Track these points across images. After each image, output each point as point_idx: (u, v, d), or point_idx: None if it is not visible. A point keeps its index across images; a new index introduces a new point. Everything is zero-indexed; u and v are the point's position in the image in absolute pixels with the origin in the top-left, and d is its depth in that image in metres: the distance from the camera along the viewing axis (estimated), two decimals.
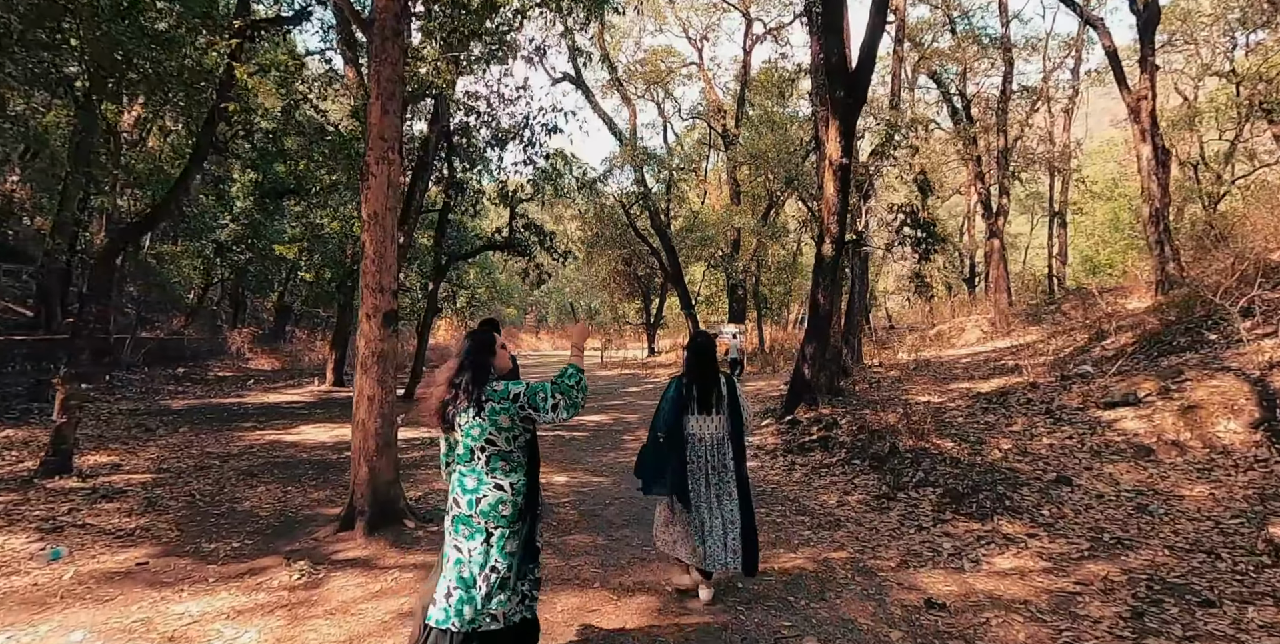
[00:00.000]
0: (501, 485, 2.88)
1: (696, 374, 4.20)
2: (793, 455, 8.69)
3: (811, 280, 10.35)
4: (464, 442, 2.93)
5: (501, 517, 2.84)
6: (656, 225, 23.67)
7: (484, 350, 3.02)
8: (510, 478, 2.90)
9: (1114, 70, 17.14)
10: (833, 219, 9.91)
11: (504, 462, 2.91)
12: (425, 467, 8.56)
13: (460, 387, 2.94)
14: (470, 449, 2.91)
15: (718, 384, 4.19)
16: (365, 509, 5.54)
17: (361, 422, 5.65)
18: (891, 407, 11.01)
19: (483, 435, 2.88)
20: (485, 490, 2.86)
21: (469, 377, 2.94)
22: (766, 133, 24.73)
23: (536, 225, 16.43)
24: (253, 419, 12.82)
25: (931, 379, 14.31)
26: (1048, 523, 5.80)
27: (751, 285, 26.23)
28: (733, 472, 4.13)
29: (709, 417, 4.15)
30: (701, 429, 4.15)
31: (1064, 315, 21.67)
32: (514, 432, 2.92)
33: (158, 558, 5.16)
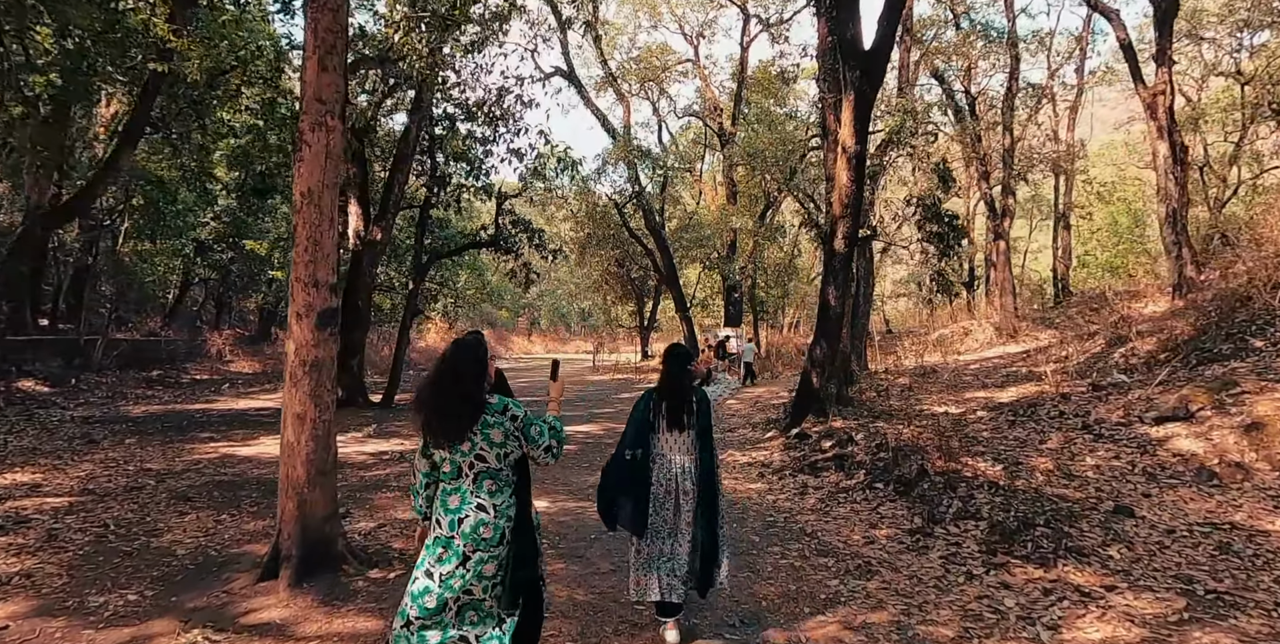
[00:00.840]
0: (485, 506, 2.66)
1: (669, 387, 3.79)
2: (804, 476, 7.62)
3: (821, 279, 9.31)
4: (451, 457, 2.69)
5: (482, 540, 2.62)
6: (651, 225, 22.62)
7: (481, 359, 2.78)
8: (496, 498, 2.68)
9: (1129, 64, 16.21)
10: (845, 212, 8.88)
11: (491, 480, 2.70)
12: (388, 488, 7.46)
13: (459, 398, 2.67)
14: (458, 466, 2.69)
15: (689, 400, 3.77)
16: (293, 553, 4.44)
17: (290, 445, 4.55)
18: (907, 418, 9.96)
19: (473, 451, 2.66)
20: (468, 510, 2.64)
21: (466, 388, 2.68)
22: (764, 131, 23.74)
23: (524, 221, 15.36)
24: (213, 428, 11.69)
25: (944, 387, 13.29)
26: (1123, 569, 4.75)
27: (748, 288, 25.20)
28: (695, 493, 3.73)
29: (679, 434, 3.77)
30: (670, 448, 3.78)
31: (1072, 320, 20.73)
32: (505, 448, 2.71)
33: (26, 617, 4.06)
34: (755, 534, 5.75)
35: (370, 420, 12.53)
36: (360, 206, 14.05)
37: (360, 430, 11.27)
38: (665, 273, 23.17)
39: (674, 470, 3.74)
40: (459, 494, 2.68)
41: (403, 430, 11.56)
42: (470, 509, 2.65)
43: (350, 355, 13.80)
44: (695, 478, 3.74)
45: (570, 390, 18.73)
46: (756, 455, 9.02)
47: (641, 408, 3.83)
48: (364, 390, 14.07)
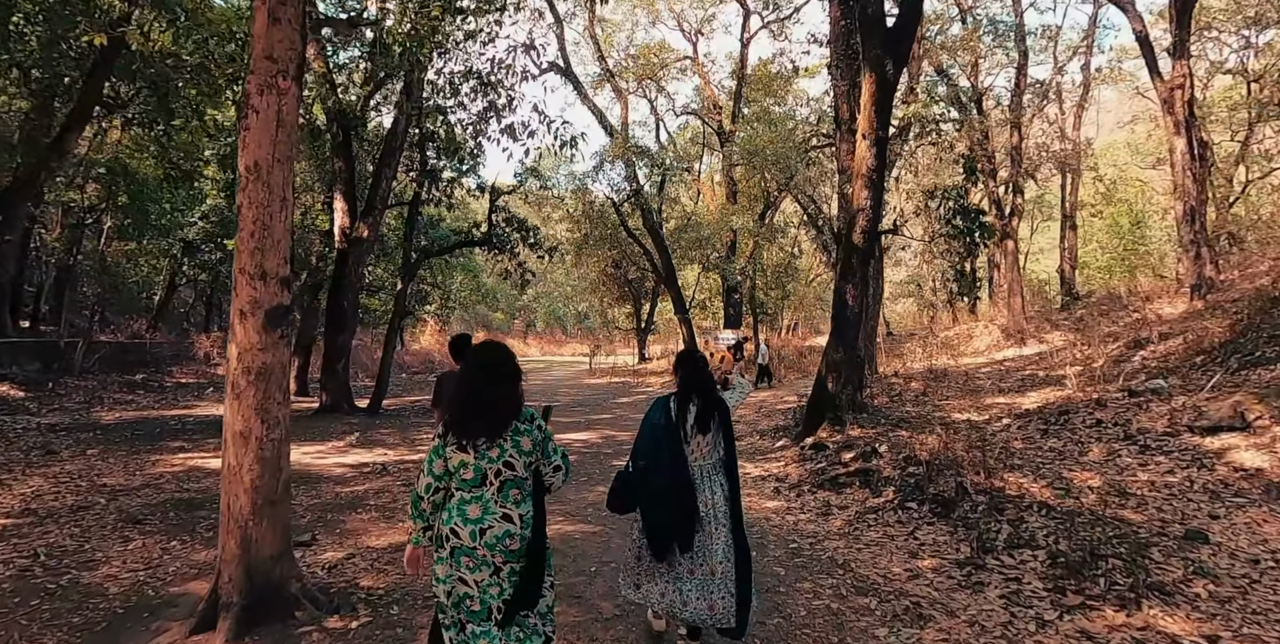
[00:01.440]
0: (511, 516, 2.52)
1: (694, 390, 3.53)
2: (825, 492, 6.86)
3: (837, 276, 8.56)
4: (476, 464, 2.52)
5: (510, 551, 2.50)
6: (649, 225, 21.85)
7: (516, 362, 2.69)
8: (521, 508, 2.55)
9: (1145, 57, 15.54)
10: (865, 204, 8.13)
11: (517, 489, 2.58)
12: (365, 508, 6.67)
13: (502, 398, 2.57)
14: (483, 473, 2.54)
15: (717, 397, 3.54)
16: (234, 600, 3.66)
17: (231, 469, 3.78)
18: (928, 426, 9.22)
19: (502, 457, 2.53)
20: (492, 521, 2.50)
21: (506, 389, 2.58)
22: (764, 130, 23.04)
23: (519, 219, 14.58)
24: (186, 436, 10.88)
25: (959, 391, 12.55)
26: (1218, 612, 4.00)
27: (748, 289, 24.45)
28: (726, 506, 3.45)
29: (703, 439, 3.48)
30: (695, 456, 3.48)
31: (1082, 322, 20.05)
32: (532, 457, 2.60)
33: None
34: (780, 565, 4.99)
35: (355, 428, 11.74)
36: (347, 203, 13.27)
37: (343, 439, 10.48)
38: (664, 273, 22.40)
39: (699, 482, 3.45)
40: (480, 503, 2.52)
41: (388, 439, 10.77)
42: (495, 519, 2.50)
43: (336, 359, 13.00)
44: (726, 487, 3.48)
45: (566, 395, 17.95)
46: (770, 468, 8.26)
47: (657, 416, 3.52)
48: (350, 396, 13.28)
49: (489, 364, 2.61)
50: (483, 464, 2.51)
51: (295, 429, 11.70)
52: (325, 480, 7.84)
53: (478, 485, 2.53)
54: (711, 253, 22.45)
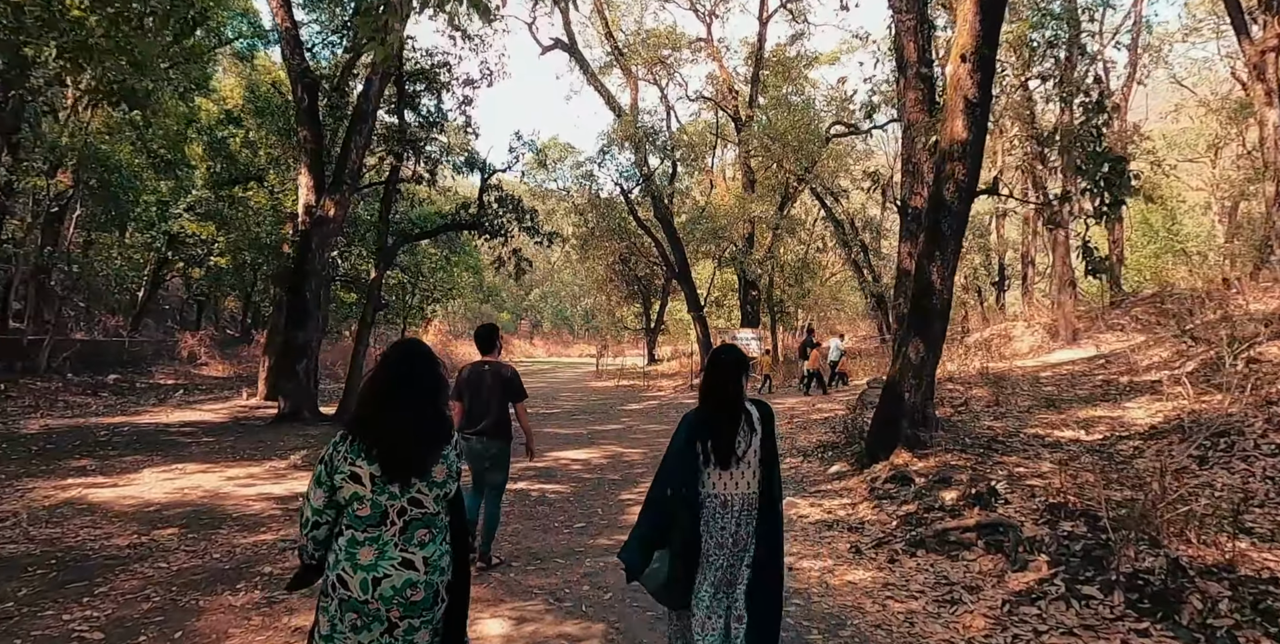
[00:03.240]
0: (412, 560, 1.94)
1: (716, 405, 2.63)
2: (931, 555, 4.56)
3: (920, 250, 6.28)
4: (374, 499, 1.92)
5: (411, 603, 1.92)
6: (660, 214, 19.59)
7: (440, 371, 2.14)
8: (427, 550, 1.97)
9: (1230, 15, 13.21)
10: (962, 149, 5.86)
11: (426, 529, 1.99)
12: (249, 581, 4.41)
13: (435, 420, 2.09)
14: (382, 510, 1.93)
15: (744, 421, 2.62)
16: None
17: None
18: (1029, 450, 6.91)
19: (407, 493, 1.95)
20: (388, 567, 1.91)
21: (439, 408, 2.12)
22: (784, 116, 20.81)
23: (513, 199, 12.33)
24: (106, 450, 8.71)
25: (1034, 401, 10.20)
26: None
27: (765, 286, 22.14)
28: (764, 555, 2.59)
29: (733, 468, 2.59)
30: (725, 487, 2.61)
31: (1139, 320, 17.66)
32: (445, 488, 2.03)
33: None
34: None
35: (310, 441, 9.50)
36: (313, 178, 11.07)
37: (287, 457, 8.23)
38: (676, 267, 20.11)
39: (729, 518, 2.59)
40: (375, 546, 1.93)
41: None
42: (392, 566, 1.92)
43: (296, 358, 10.78)
44: (756, 528, 2.61)
45: (568, 400, 15.66)
46: (831, 506, 5.96)
47: (684, 434, 2.63)
48: (313, 402, 11.06)
49: (415, 370, 2.04)
50: (382, 500, 1.91)
51: (237, 443, 9.51)
52: (226, 523, 5.59)
53: (375, 524, 1.92)
54: (728, 245, 20.14)
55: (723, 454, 2.58)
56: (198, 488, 6.84)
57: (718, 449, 2.59)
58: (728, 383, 2.64)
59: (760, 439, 2.63)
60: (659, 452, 8.73)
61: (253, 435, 9.90)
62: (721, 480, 2.61)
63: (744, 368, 2.71)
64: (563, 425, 11.22)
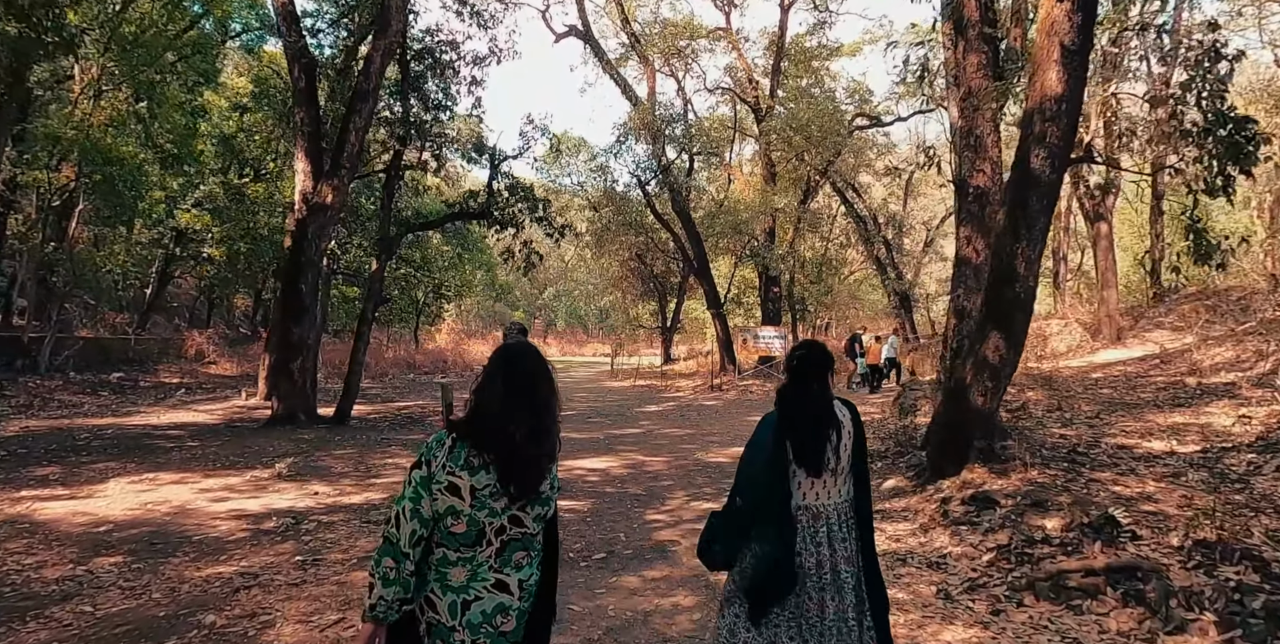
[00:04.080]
0: (506, 583, 1.70)
1: (801, 405, 2.34)
2: (1045, 605, 3.55)
3: (1002, 229, 5.26)
4: (472, 514, 1.66)
5: (500, 634, 1.68)
6: (679, 207, 18.58)
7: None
8: (522, 572, 1.73)
9: None
10: (1056, 108, 4.85)
11: (524, 551, 1.74)
12: None
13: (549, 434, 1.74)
14: (479, 528, 1.67)
15: (836, 426, 2.31)
16: None
17: None
18: (1121, 464, 5.88)
19: (508, 510, 1.68)
20: (480, 590, 1.68)
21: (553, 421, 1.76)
22: (806, 107, 19.78)
23: (524, 187, 11.40)
24: (75, 458, 7.86)
25: (1099, 405, 9.13)
26: None
27: (786, 283, 21.10)
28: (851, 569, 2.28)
29: (824, 480, 2.30)
30: (816, 497, 2.32)
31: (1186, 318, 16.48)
32: (546, 507, 1.77)
33: None
34: None
35: (302, 446, 8.61)
36: (310, 162, 10.20)
37: (274, 465, 7.32)
38: (695, 262, 19.11)
39: (822, 533, 2.28)
40: (468, 567, 1.69)
41: (336, 466, 7.60)
42: (484, 589, 1.68)
43: (291, 356, 9.90)
44: (855, 544, 2.31)
45: (582, 401, 14.71)
46: (897, 532, 4.97)
47: (768, 438, 2.33)
48: (310, 403, 10.18)
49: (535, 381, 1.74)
50: (481, 516, 1.65)
51: (223, 448, 8.61)
52: (183, 548, 4.68)
53: (471, 544, 1.68)
54: (750, 240, 19.12)
55: (812, 459, 2.31)
56: (164, 502, 5.95)
57: (805, 454, 2.32)
58: (813, 380, 2.37)
59: (852, 443, 2.36)
60: (684, 461, 7.69)
61: (241, 440, 9.02)
62: (813, 490, 2.33)
63: (830, 364, 2.42)
64: (578, 429, 10.28)
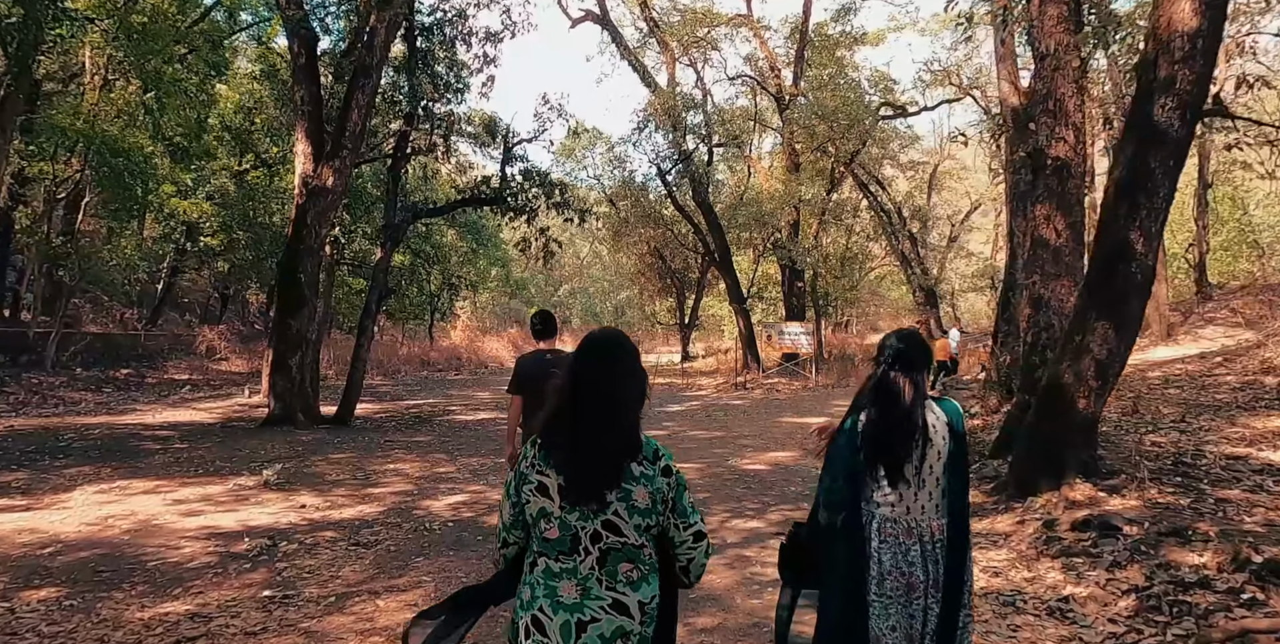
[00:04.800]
0: (625, 604, 1.49)
1: (892, 405, 2.02)
2: None
3: (1113, 196, 4.33)
4: (564, 517, 1.50)
5: None
6: (700, 198, 17.67)
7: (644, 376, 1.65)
8: (640, 592, 1.51)
9: None
10: (1182, 48, 3.91)
11: (629, 563, 1.52)
12: None
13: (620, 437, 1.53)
14: (572, 532, 1.50)
15: (928, 429, 2.00)
16: None
17: None
18: (1241, 477, 4.92)
19: (600, 515, 1.49)
20: (596, 609, 1.48)
21: (627, 421, 1.54)
22: (831, 95, 18.81)
23: (541, 172, 10.55)
24: (52, 461, 7.12)
25: (1182, 407, 8.13)
26: None
27: (810, 278, 20.13)
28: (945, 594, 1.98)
29: (915, 488, 2.01)
30: (907, 511, 2.01)
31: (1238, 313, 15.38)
32: (650, 518, 1.52)
33: None
34: None
35: (297, 450, 7.81)
36: (311, 144, 9.40)
37: (262, 471, 6.51)
38: (717, 254, 18.19)
39: (914, 550, 1.99)
40: (575, 580, 1.49)
41: (331, 473, 6.78)
42: (601, 608, 1.47)
43: (290, 351, 9.10)
44: (945, 563, 1.98)
45: None
46: (992, 562, 4.04)
47: (845, 444, 2.06)
48: (309, 402, 9.39)
49: (610, 377, 1.55)
50: (572, 519, 1.49)
51: (211, 451, 7.78)
52: (134, 576, 3.87)
53: (567, 552, 1.50)
54: (773, 232, 18.16)
55: (893, 467, 2.00)
56: (129, 516, 5.15)
57: (891, 459, 2.01)
58: (906, 375, 2.03)
59: (949, 448, 2.03)
60: (718, 468, 6.71)
61: (233, 442, 8.24)
62: (903, 501, 2.02)
63: (929, 358, 2.16)
64: None
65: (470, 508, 5.52)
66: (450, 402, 13.57)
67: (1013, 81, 10.44)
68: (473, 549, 4.45)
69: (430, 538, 4.67)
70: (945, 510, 2.04)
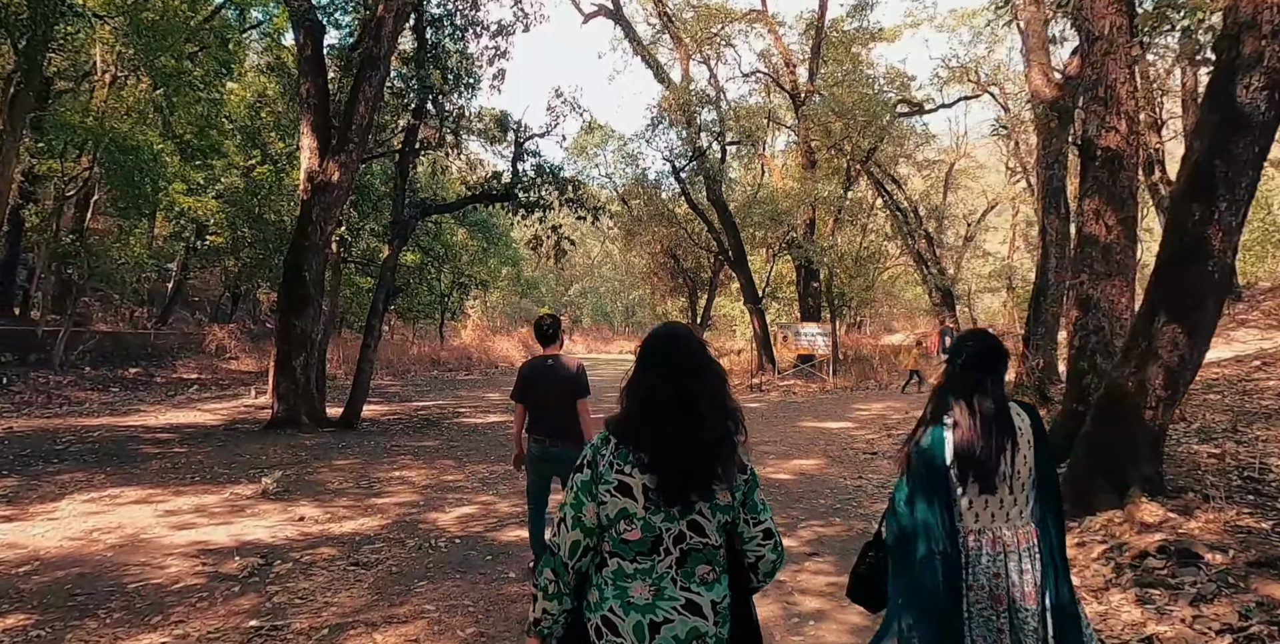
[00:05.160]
0: (699, 604, 1.43)
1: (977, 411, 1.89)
2: None
3: (1182, 188, 3.91)
4: (647, 519, 1.41)
5: None
6: (714, 196, 17.26)
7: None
8: (714, 591, 1.46)
9: None
10: (1274, 19, 3.47)
11: (708, 564, 1.46)
12: None
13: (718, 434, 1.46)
14: (654, 534, 1.42)
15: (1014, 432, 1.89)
16: None
17: None
18: None
19: (687, 515, 1.42)
20: (670, 610, 1.41)
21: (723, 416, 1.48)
22: (847, 91, 18.38)
23: (554, 168, 10.18)
24: (45, 465, 6.84)
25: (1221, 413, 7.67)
26: None
27: (826, 278, 19.66)
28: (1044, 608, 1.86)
29: (1005, 495, 1.89)
30: (992, 518, 1.90)
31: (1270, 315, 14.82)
32: (730, 515, 1.47)
33: None
34: None
35: (300, 455, 7.47)
36: (316, 138, 9.07)
37: (261, 478, 6.16)
38: (732, 253, 17.78)
39: (1000, 563, 1.86)
40: (649, 581, 1.43)
41: (334, 481, 6.43)
42: (674, 609, 1.41)
43: (294, 351, 8.78)
44: (1040, 576, 1.86)
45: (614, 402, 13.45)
46: None
47: (931, 448, 1.91)
48: (314, 404, 9.06)
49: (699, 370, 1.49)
50: (657, 520, 1.40)
51: (211, 456, 7.38)
52: (110, 601, 3.53)
53: (646, 553, 1.42)
54: (789, 231, 17.72)
55: (985, 472, 1.85)
56: (116, 528, 4.82)
57: (978, 464, 1.85)
58: (986, 376, 1.90)
59: (1034, 454, 1.91)
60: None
61: (234, 446, 7.91)
62: (987, 510, 1.88)
63: (1007, 357, 1.99)
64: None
65: (479, 522, 5.15)
66: (460, 403, 13.23)
67: (1045, 73, 9.99)
68: (480, 570, 4.07)
69: (435, 557, 4.30)
70: (1032, 517, 1.94)
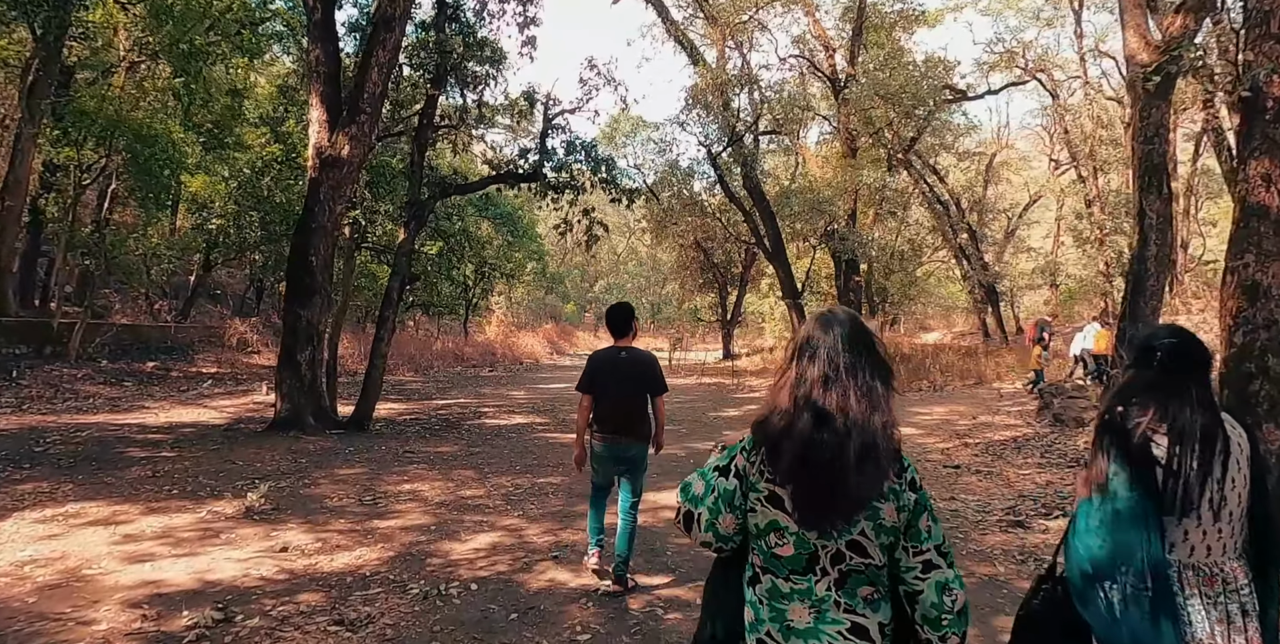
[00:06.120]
0: (866, 628, 1.26)
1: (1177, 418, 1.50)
2: None
3: None
4: (800, 535, 1.27)
5: None
6: (751, 184, 16.11)
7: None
8: (880, 613, 1.29)
9: None
10: None
11: (871, 586, 1.29)
12: None
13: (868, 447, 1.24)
14: (810, 551, 1.27)
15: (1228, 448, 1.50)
16: None
17: None
18: None
19: (846, 534, 1.25)
20: (833, 635, 1.25)
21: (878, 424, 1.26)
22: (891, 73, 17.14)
23: (587, 145, 9.12)
24: (11, 471, 5.86)
25: None
26: None
27: (866, 272, 18.42)
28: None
29: (1214, 523, 1.50)
30: (1208, 552, 1.52)
31: None
32: (894, 536, 1.28)
33: None
34: None
35: (300, 462, 6.48)
36: (326, 110, 8.09)
37: (248, 492, 5.17)
38: (770, 244, 16.61)
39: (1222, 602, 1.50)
40: (809, 601, 1.27)
41: (333, 496, 5.42)
42: (839, 634, 1.24)
43: (299, 346, 7.81)
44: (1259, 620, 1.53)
45: None
46: None
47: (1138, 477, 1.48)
48: (321, 402, 8.08)
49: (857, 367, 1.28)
50: (810, 537, 1.25)
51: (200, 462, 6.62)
52: None
53: (802, 571, 1.27)
54: (828, 222, 16.50)
55: (1194, 493, 1.47)
56: (58, 560, 3.84)
57: (1185, 486, 1.47)
58: (1190, 381, 1.53)
59: (1248, 474, 1.53)
60: None
61: (229, 450, 6.94)
62: (1204, 542, 1.50)
63: (1210, 363, 1.61)
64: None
65: (503, 557, 4.09)
66: (482, 401, 12.26)
67: (1143, 34, 8.72)
68: (503, 638, 3.01)
69: (444, 614, 3.24)
70: (1242, 550, 1.55)
